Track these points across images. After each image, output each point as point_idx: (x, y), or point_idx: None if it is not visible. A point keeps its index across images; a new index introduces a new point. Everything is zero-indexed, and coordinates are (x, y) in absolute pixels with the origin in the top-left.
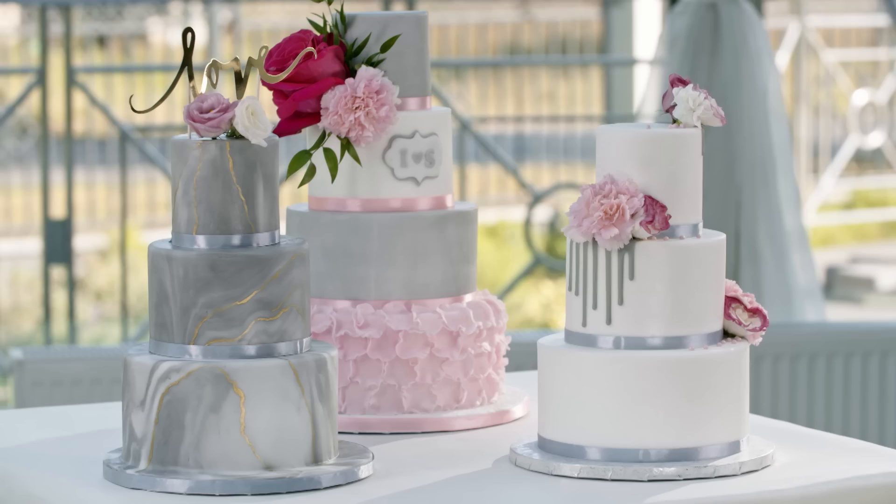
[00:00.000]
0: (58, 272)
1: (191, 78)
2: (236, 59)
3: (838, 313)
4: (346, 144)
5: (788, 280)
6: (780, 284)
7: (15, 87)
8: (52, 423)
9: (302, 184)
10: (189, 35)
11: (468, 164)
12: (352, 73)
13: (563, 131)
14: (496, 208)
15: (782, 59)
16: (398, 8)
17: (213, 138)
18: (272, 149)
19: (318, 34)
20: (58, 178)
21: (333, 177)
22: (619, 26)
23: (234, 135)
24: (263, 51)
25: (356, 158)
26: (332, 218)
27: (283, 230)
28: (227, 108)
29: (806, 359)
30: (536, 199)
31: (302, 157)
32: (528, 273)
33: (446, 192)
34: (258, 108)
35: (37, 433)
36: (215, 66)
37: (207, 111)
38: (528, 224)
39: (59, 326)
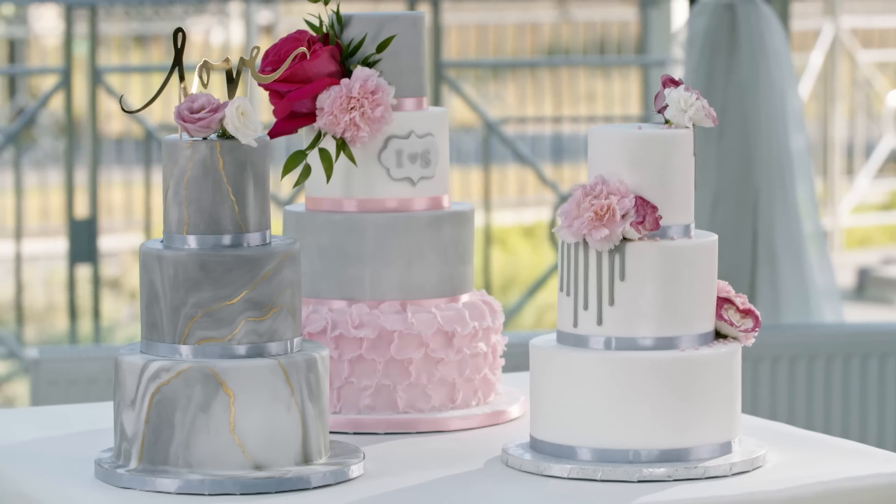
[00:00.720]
0: (90, 271)
1: (181, 79)
2: (227, 60)
3: (870, 314)
4: (342, 145)
5: (806, 281)
6: (797, 285)
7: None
8: (49, 423)
9: (297, 184)
10: (180, 35)
11: (507, 165)
12: (348, 73)
13: None
14: (534, 208)
15: (816, 59)
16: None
17: (204, 138)
18: (262, 149)
19: (315, 34)
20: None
21: (328, 177)
22: (657, 27)
23: (224, 135)
24: (255, 51)
25: (351, 159)
26: (327, 218)
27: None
28: (217, 108)
29: (823, 360)
30: (563, 199)
31: (297, 158)
32: (553, 273)
33: (443, 193)
34: (248, 109)
35: (33, 432)
36: (206, 67)
37: (198, 111)
38: (553, 224)
39: (91, 326)
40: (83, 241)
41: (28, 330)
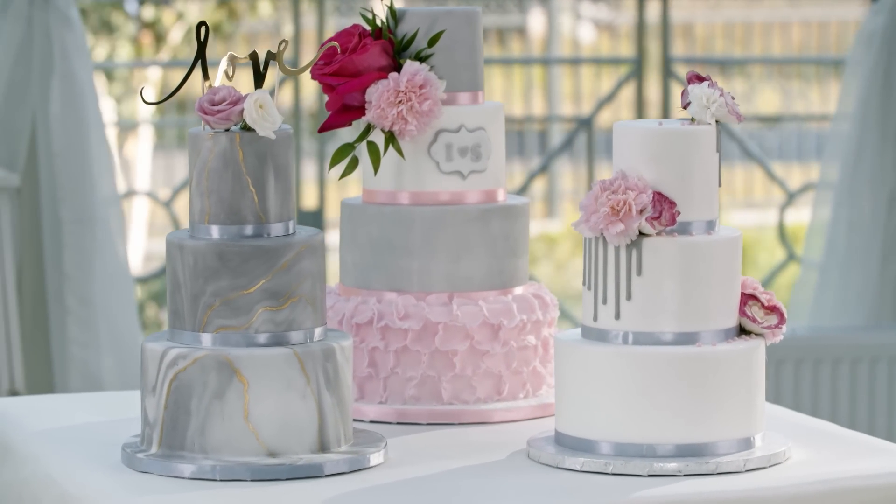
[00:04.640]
0: None
1: (205, 75)
2: (254, 52)
3: None
4: (390, 138)
5: None
6: None
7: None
8: (99, 408)
9: (343, 176)
10: (203, 29)
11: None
12: (400, 68)
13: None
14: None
15: None
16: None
17: (227, 130)
18: (284, 141)
19: (368, 28)
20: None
21: (376, 170)
22: None
23: (246, 127)
24: (283, 45)
25: (399, 152)
26: (377, 210)
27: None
28: (237, 100)
29: None
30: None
31: (345, 150)
32: (779, 272)
33: (496, 186)
34: (267, 101)
35: (81, 417)
36: (232, 60)
37: (218, 104)
38: (781, 225)
39: None
40: None
41: None
